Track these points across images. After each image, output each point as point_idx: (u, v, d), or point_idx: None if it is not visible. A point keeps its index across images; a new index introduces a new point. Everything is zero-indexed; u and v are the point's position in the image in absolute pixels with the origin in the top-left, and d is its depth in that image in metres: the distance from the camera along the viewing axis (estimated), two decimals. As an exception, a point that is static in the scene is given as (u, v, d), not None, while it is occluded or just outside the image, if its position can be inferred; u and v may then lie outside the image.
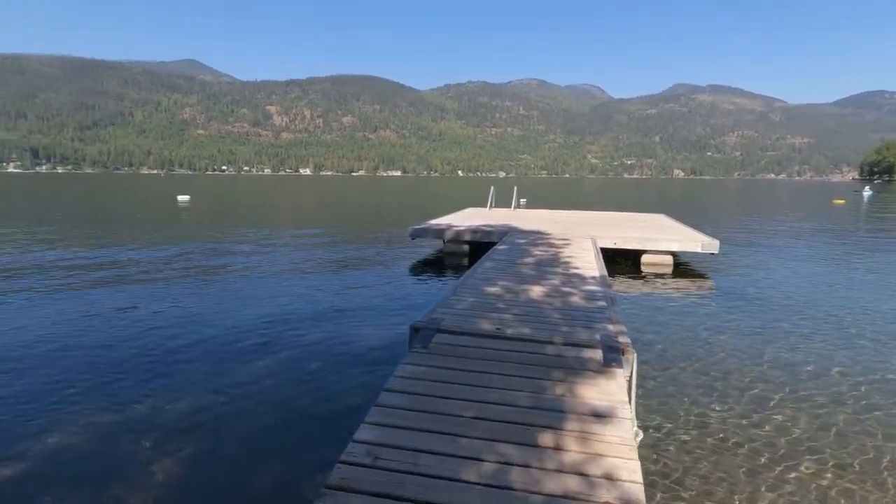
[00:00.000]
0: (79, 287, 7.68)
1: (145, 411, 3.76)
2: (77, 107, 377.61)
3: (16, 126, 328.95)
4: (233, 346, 5.14)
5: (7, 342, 5.18)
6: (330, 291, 7.61)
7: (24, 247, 11.65)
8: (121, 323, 5.87)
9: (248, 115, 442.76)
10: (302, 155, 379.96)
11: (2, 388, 4.10)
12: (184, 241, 12.95)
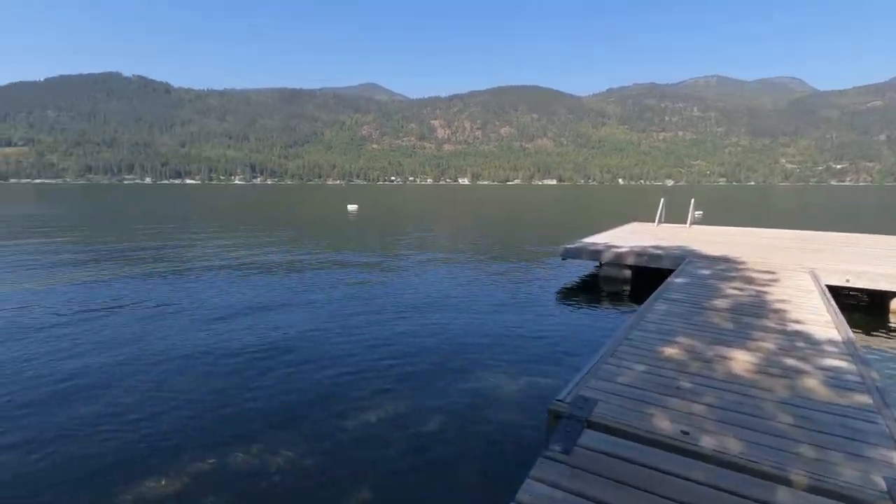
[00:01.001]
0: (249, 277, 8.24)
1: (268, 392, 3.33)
2: (284, 129, 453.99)
3: (241, 146, 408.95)
4: (322, 376, 4.61)
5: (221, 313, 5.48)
6: (464, 317, 6.79)
7: (227, 244, 13.45)
8: (251, 334, 5.87)
9: (415, 129, 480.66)
10: (461, 165, 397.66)
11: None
12: (343, 249, 13.58)
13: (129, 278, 9.66)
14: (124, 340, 5.81)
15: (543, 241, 15.96)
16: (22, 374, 4.79)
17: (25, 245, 14.84)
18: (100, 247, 14.47)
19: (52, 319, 6.69)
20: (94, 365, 5.03)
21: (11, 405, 4.15)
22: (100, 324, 6.50)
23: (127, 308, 7.34)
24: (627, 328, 4.42)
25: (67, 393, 4.39)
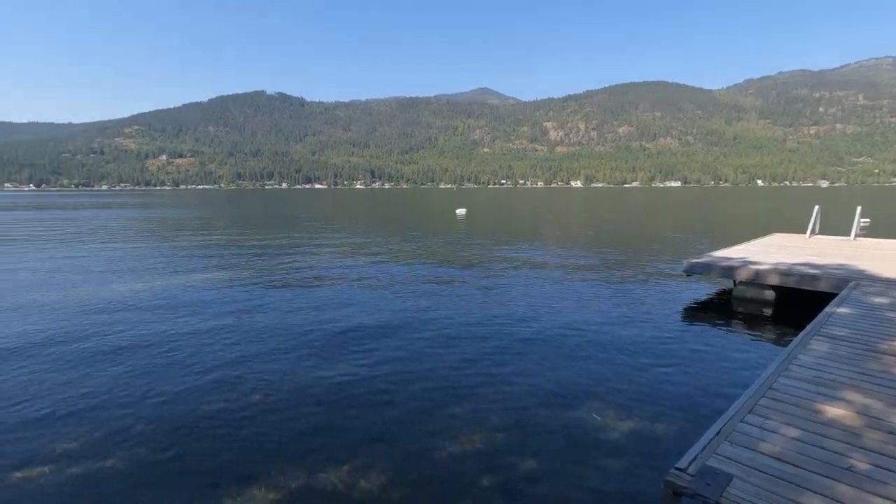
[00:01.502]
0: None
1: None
2: (400, 136, 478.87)
3: (363, 153, 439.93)
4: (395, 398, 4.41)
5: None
6: (570, 336, 6.25)
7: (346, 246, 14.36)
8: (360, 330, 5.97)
9: (526, 132, 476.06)
10: (574, 167, 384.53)
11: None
12: (450, 255, 13.64)
13: (254, 283, 10.60)
14: (244, 340, 6.28)
15: (664, 252, 14.48)
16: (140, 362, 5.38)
17: (189, 242, 17.25)
18: (239, 247, 16.26)
19: (191, 314, 7.52)
20: (206, 364, 5.48)
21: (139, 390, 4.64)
22: (220, 323, 7.14)
23: (248, 310, 8.00)
24: (772, 374, 3.61)
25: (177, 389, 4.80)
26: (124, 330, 6.74)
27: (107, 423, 4.06)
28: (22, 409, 4.33)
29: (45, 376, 5.07)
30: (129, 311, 7.77)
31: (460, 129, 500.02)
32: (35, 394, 4.64)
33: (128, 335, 6.50)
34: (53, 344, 6.14)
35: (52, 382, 4.90)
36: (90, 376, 5.08)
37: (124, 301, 8.48)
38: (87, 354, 5.76)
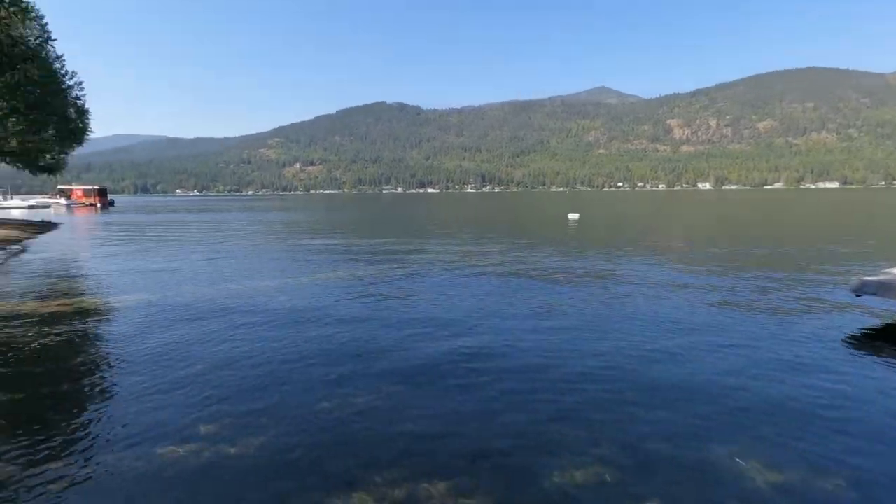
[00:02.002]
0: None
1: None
2: (512, 139, 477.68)
3: (474, 157, 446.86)
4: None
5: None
6: (704, 360, 5.49)
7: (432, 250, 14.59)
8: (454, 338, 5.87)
9: (647, 131, 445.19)
10: (702, 168, 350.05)
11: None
12: (561, 264, 13.08)
13: (366, 287, 11.11)
14: (356, 343, 6.54)
15: (822, 267, 12.33)
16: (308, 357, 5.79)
17: (314, 242, 18.87)
18: (354, 250, 17.32)
19: (320, 310, 8.06)
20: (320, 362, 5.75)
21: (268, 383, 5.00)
22: (337, 320, 7.52)
23: (353, 318, 8.35)
24: None
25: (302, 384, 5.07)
26: (257, 327, 7.40)
27: (233, 409, 4.42)
28: (164, 389, 4.91)
29: (190, 362, 5.73)
30: (261, 309, 8.54)
31: (574, 131, 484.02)
32: (177, 377, 5.25)
33: (257, 333, 7.12)
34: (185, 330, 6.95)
35: (193, 367, 5.52)
36: (229, 368, 5.62)
37: (260, 297, 9.38)
38: (224, 346, 6.41)
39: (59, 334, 6.90)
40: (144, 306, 8.51)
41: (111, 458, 3.64)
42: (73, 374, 5.43)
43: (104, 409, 4.53)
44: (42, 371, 5.48)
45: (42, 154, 29.58)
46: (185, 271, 12.59)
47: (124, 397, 4.74)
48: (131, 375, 5.29)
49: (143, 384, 5.02)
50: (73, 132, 30.50)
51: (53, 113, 24.76)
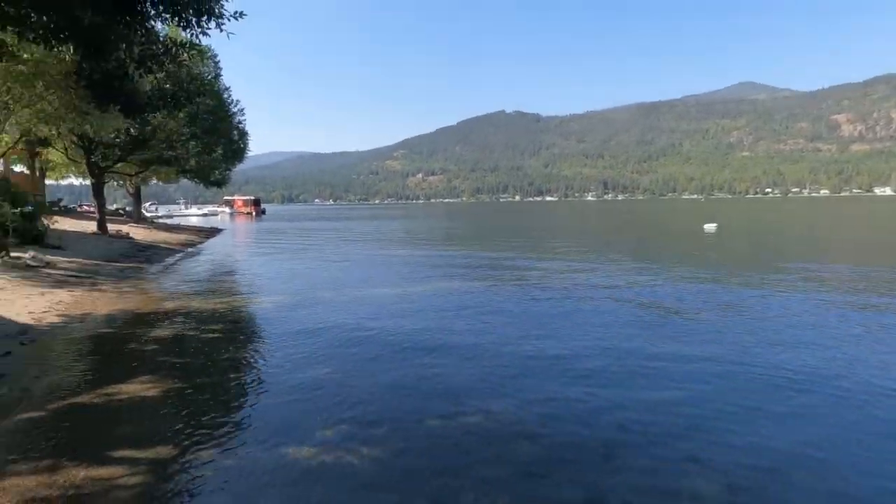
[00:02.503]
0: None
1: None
2: (638, 144, 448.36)
3: (595, 163, 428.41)
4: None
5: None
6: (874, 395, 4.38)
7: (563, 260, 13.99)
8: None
9: (805, 129, 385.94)
10: (879, 169, 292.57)
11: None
12: (698, 282, 11.73)
13: (481, 290, 11.02)
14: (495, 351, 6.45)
15: None
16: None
17: (433, 251, 19.49)
18: (473, 258, 17.44)
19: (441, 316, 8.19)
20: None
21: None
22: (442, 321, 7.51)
23: (467, 331, 8.27)
24: None
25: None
26: (383, 330, 7.71)
27: (355, 416, 4.57)
28: (294, 389, 5.27)
29: (319, 360, 6.12)
30: (385, 317, 8.91)
31: (712, 132, 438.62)
32: (308, 377, 5.61)
33: (389, 337, 7.40)
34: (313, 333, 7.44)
35: (316, 364, 5.88)
36: (355, 375, 5.89)
37: (384, 304, 9.82)
38: (352, 348, 6.75)
39: (215, 331, 7.90)
40: (284, 308, 9.40)
41: (241, 448, 3.95)
42: (221, 368, 6.12)
43: (241, 402, 5.00)
44: (199, 363, 6.28)
45: (213, 171, 35.02)
46: (317, 276, 13.75)
47: (260, 393, 5.20)
48: (268, 373, 5.80)
49: (276, 383, 5.46)
50: (236, 152, 35.64)
51: (222, 136, 29.16)
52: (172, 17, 6.14)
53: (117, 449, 3.85)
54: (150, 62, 7.70)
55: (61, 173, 31.77)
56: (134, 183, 35.85)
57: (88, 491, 3.24)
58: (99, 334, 7.30)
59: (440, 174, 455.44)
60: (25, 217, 14.65)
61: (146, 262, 16.56)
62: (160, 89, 12.75)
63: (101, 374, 5.64)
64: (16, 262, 11.63)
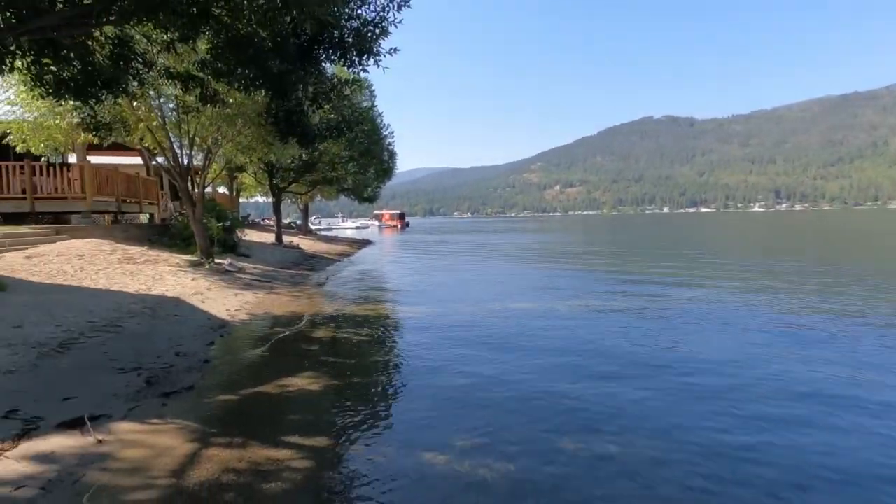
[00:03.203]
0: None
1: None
2: (823, 145, 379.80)
3: (764, 170, 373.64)
4: None
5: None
6: None
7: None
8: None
9: None
10: None
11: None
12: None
13: (634, 321, 10.32)
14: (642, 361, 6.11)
15: None
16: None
17: (574, 266, 18.96)
18: (615, 274, 16.48)
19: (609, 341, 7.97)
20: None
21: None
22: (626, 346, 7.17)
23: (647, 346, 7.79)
24: None
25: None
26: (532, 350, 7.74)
27: (493, 430, 4.64)
28: (434, 397, 5.52)
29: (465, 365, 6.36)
30: (525, 332, 8.91)
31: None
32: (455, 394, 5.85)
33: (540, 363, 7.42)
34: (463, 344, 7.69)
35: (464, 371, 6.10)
36: (494, 387, 6.01)
37: (524, 319, 9.84)
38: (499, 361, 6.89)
39: (365, 334, 8.71)
40: (426, 317, 9.97)
41: (385, 447, 4.27)
42: (370, 370, 6.73)
43: (387, 403, 5.43)
44: (351, 363, 6.98)
45: (366, 188, 38.95)
46: (456, 287, 14.30)
47: (403, 396, 5.59)
48: (410, 378, 6.22)
49: (418, 388, 5.82)
50: (386, 171, 39.07)
51: (375, 157, 32.24)
52: (339, 58, 7.06)
53: (288, 434, 4.46)
54: (320, 99, 8.98)
55: (251, 193, 38.13)
56: (303, 200, 41.45)
57: (266, 469, 3.82)
58: (275, 332, 8.56)
59: (579, 186, 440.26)
60: (226, 230, 17.91)
61: (311, 270, 18.97)
62: (327, 121, 14.71)
63: (276, 366, 6.60)
64: (217, 268, 14.25)
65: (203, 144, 14.68)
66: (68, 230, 14.05)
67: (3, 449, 3.76)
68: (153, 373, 5.92)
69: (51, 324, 7.15)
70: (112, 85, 7.07)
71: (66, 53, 6.32)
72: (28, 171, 14.85)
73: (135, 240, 15.54)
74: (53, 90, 6.79)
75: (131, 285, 10.54)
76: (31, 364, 5.71)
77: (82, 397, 4.96)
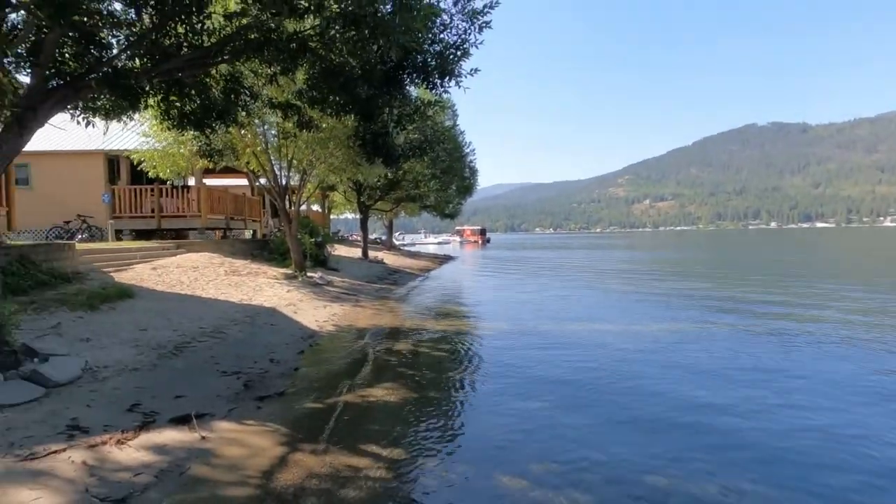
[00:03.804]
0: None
1: None
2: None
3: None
4: None
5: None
6: None
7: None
8: None
9: None
10: None
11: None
12: None
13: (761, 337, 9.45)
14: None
15: None
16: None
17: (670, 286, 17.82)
18: (718, 296, 15.17)
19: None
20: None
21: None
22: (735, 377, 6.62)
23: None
24: None
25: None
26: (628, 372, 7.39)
27: (565, 455, 4.45)
28: (509, 417, 5.41)
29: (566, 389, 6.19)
30: (606, 354, 8.51)
31: None
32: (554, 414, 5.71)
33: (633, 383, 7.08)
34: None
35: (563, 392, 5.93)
36: (571, 411, 5.79)
37: (604, 339, 9.41)
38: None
39: (444, 350, 8.81)
40: (505, 335, 9.86)
41: (461, 465, 4.25)
42: (447, 385, 6.77)
43: (463, 421, 5.41)
44: (429, 378, 7.07)
45: (447, 204, 39.71)
46: (537, 305, 13.99)
47: (480, 415, 5.55)
48: (487, 397, 6.16)
49: (494, 407, 5.75)
50: (467, 187, 39.63)
51: (456, 175, 32.85)
52: (422, 82, 7.33)
53: (367, 443, 4.61)
54: (404, 121, 9.38)
55: (340, 210, 40.47)
56: (388, 217, 43.16)
57: (346, 476, 3.97)
58: (358, 343, 8.93)
59: (671, 199, 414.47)
60: (317, 245, 19.13)
61: (394, 284, 19.61)
62: (411, 141, 15.30)
63: (358, 376, 6.87)
64: (309, 280, 15.22)
65: (299, 166, 15.89)
66: (186, 244, 15.83)
67: (126, 438, 4.28)
68: (250, 377, 6.43)
69: (169, 328, 8.06)
70: (225, 116, 7.94)
71: (188, 90, 7.20)
72: (157, 194, 17.03)
73: (240, 253, 17.12)
74: (178, 123, 7.77)
75: (235, 295, 11.59)
76: (151, 363, 6.46)
77: (191, 396, 5.51)
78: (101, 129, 9.28)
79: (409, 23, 5.84)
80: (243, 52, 6.67)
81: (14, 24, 5.64)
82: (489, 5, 6.89)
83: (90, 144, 16.74)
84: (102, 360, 6.19)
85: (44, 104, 5.66)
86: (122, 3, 6.07)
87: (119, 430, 4.42)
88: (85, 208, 16.36)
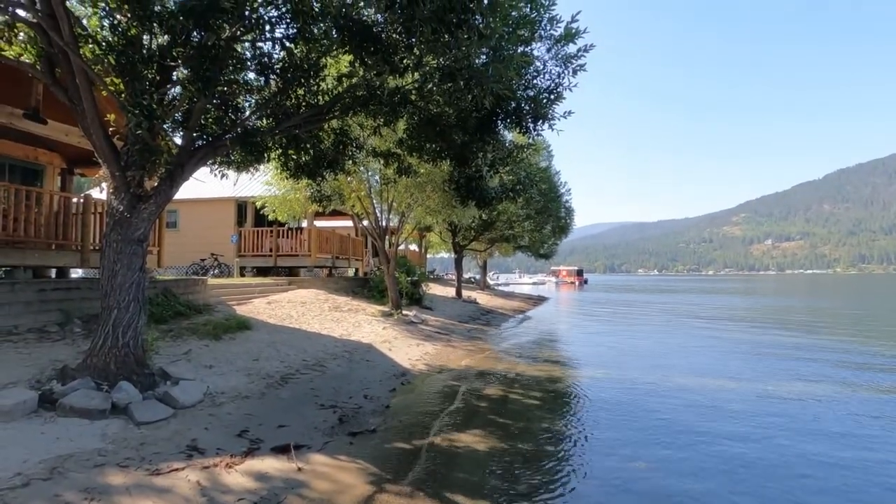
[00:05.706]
0: None
1: None
2: None
3: None
4: None
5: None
6: None
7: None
8: None
9: None
10: None
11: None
12: None
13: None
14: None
15: None
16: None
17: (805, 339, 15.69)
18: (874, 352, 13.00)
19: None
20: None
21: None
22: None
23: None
24: None
25: None
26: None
27: None
28: (601, 475, 4.96)
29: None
30: (716, 413, 7.62)
31: None
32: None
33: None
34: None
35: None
36: (667, 474, 5.22)
37: (714, 396, 8.44)
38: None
39: (535, 397, 8.45)
40: (602, 385, 9.25)
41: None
42: (538, 436, 6.43)
43: (556, 478, 5.07)
44: (520, 427, 6.78)
45: (542, 244, 39.07)
46: (638, 354, 13.00)
47: (574, 472, 5.18)
48: (581, 451, 5.77)
49: (590, 464, 5.35)
50: (563, 227, 38.76)
51: (551, 215, 32.38)
52: (515, 126, 7.46)
53: (452, 492, 4.51)
54: (497, 164, 9.55)
55: (436, 250, 41.65)
56: (482, 257, 43.49)
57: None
58: (449, 385, 8.91)
59: (798, 239, 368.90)
60: (413, 284, 19.76)
61: (487, 325, 19.47)
62: (505, 183, 15.48)
63: (447, 419, 6.82)
64: (404, 318, 15.67)
65: (398, 208, 16.79)
66: (297, 281, 17.26)
67: (234, 462, 4.63)
68: (345, 411, 6.68)
69: (277, 359, 8.72)
70: (334, 165, 8.73)
71: (303, 144, 8.05)
72: (275, 234, 18.94)
73: (342, 290, 18.23)
74: (294, 172, 8.68)
75: (336, 330, 12.28)
76: (260, 392, 7.00)
77: (292, 426, 5.84)
78: (232, 180, 10.65)
79: (503, 72, 6.02)
80: (351, 107, 7.34)
81: (173, 97, 6.78)
82: (583, 49, 6.88)
83: (223, 192, 19.26)
84: (221, 386, 6.84)
85: (189, 161, 6.66)
86: (255, 72, 7.03)
87: (229, 454, 4.80)
88: (217, 247, 18.68)
